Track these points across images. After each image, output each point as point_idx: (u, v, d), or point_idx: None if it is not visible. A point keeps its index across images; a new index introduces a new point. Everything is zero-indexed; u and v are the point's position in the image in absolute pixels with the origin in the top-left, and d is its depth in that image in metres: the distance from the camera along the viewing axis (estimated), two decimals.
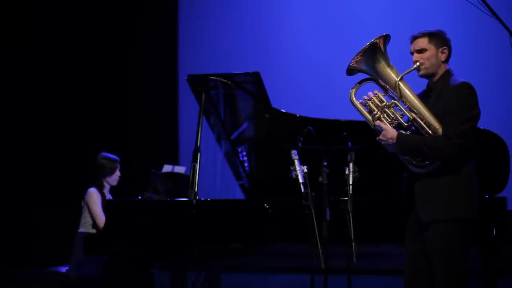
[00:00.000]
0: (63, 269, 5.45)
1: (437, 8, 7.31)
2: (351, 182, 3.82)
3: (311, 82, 7.40)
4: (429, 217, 3.59)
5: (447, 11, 7.25)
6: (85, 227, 5.48)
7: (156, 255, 4.74)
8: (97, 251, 4.75)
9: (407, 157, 3.62)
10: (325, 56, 7.35)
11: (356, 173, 3.84)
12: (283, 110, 4.96)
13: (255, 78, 4.84)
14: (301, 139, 4.06)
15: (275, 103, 4.98)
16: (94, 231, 5.41)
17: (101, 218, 5.35)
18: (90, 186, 5.52)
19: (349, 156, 3.89)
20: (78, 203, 5.59)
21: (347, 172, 3.85)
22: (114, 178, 5.61)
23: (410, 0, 7.46)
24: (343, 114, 4.67)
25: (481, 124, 4.74)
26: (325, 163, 3.98)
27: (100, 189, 5.54)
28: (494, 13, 3.85)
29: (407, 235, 3.75)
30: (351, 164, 3.87)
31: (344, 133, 3.95)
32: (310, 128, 4.04)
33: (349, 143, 3.95)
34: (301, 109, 5.05)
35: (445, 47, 3.69)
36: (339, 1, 7.68)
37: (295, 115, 4.91)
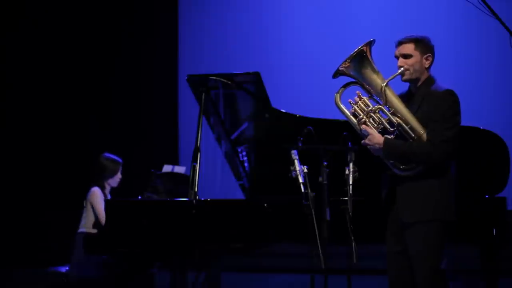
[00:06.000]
0: (63, 269, 5.45)
1: (437, 8, 7.31)
2: (351, 182, 3.82)
3: (311, 82, 7.40)
4: (412, 218, 3.65)
5: (447, 12, 7.25)
6: (86, 227, 5.48)
7: (156, 255, 4.74)
8: (97, 251, 4.75)
9: (392, 161, 3.69)
10: (325, 56, 7.33)
11: (356, 173, 3.84)
12: (283, 110, 4.96)
13: (255, 78, 4.83)
14: (301, 139, 4.05)
15: (275, 103, 4.98)
16: (95, 231, 5.41)
17: (104, 217, 5.34)
18: (92, 186, 5.51)
19: (349, 156, 3.89)
20: (78, 203, 5.59)
21: (347, 172, 3.85)
22: (115, 180, 5.59)
23: (410, 0, 7.46)
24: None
25: (481, 124, 4.77)
26: (325, 163, 3.97)
27: (102, 189, 5.53)
28: (494, 13, 3.85)
29: (388, 235, 3.81)
30: (351, 164, 3.86)
31: (344, 133, 3.95)
32: (310, 128, 4.03)
33: (349, 143, 3.94)
34: (301, 109, 5.05)
35: (429, 54, 3.74)
36: (339, 1, 7.68)
37: (295, 115, 4.91)
